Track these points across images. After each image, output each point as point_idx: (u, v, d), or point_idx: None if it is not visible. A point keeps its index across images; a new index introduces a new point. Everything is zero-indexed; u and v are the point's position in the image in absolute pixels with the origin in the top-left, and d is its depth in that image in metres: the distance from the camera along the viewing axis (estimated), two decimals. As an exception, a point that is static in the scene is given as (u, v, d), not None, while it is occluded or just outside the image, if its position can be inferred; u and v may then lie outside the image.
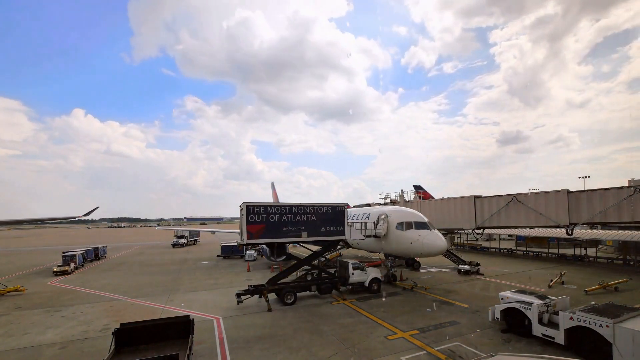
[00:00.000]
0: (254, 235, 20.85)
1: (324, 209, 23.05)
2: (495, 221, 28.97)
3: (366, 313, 19.93)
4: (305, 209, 22.39)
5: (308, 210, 22.42)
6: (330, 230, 23.10)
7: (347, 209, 23.96)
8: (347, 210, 24.87)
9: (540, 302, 15.40)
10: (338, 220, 23.38)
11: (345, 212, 23.70)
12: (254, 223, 20.80)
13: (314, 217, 22.54)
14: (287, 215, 21.78)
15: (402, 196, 41.09)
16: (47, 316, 20.53)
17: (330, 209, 23.26)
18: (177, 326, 13.70)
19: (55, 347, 15.55)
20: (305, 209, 22.36)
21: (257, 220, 20.91)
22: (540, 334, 14.77)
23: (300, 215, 22.16)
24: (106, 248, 52.73)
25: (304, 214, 22.29)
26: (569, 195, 24.53)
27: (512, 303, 16.10)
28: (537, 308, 15.05)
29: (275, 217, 21.39)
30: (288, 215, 21.80)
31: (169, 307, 21.92)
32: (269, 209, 21.44)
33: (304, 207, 22.41)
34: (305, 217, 22.30)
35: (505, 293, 17.20)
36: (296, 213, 22.08)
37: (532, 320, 15.08)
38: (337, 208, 23.56)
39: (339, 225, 23.34)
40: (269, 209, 21.39)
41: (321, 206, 23.07)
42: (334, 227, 23.20)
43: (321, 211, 22.88)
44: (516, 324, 15.90)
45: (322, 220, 22.84)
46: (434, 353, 14.03)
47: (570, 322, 13.66)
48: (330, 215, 23.15)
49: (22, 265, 42.92)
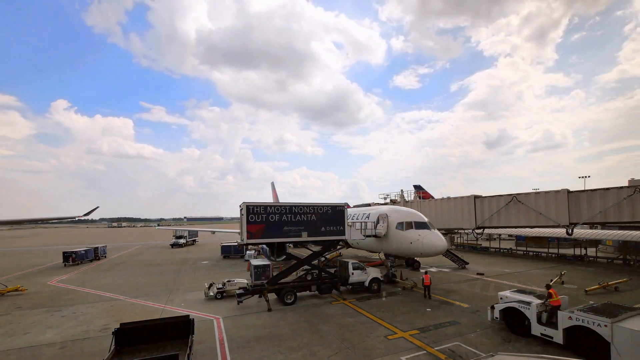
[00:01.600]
0: (254, 235, 20.82)
1: (324, 209, 23.01)
2: (496, 221, 28.98)
3: (366, 313, 19.93)
4: (305, 208, 22.35)
5: (308, 210, 22.38)
6: (330, 230, 23.06)
7: (347, 208, 23.96)
8: (347, 210, 24.86)
9: (539, 301, 15.38)
10: (338, 220, 23.35)
11: (345, 212, 23.67)
12: (254, 223, 20.77)
13: (314, 217, 22.51)
14: (287, 215, 21.74)
15: (402, 196, 41.09)
16: (47, 316, 20.53)
17: (330, 209, 23.22)
18: (177, 326, 13.69)
19: (55, 347, 15.55)
20: (305, 209, 22.31)
21: (257, 220, 20.88)
22: (539, 333, 14.78)
23: (300, 215, 22.13)
24: (106, 248, 52.72)
25: (304, 214, 22.25)
26: (569, 195, 24.53)
27: (511, 303, 16.09)
28: (535, 308, 15.06)
29: (275, 217, 21.36)
30: (288, 215, 21.76)
31: (169, 307, 21.92)
32: (269, 208, 21.41)
33: (304, 207, 22.37)
34: (305, 217, 22.27)
35: (504, 293, 17.11)
36: (296, 213, 22.04)
37: (531, 320, 15.09)
38: (337, 208, 23.52)
39: (339, 225, 23.31)
40: (269, 209, 21.36)
41: (321, 206, 23.03)
42: (334, 227, 23.16)
43: (321, 211, 22.84)
44: (515, 323, 15.89)
45: (322, 220, 22.80)
46: (434, 353, 14.02)
47: (569, 321, 13.70)
48: (330, 215, 23.12)
49: (22, 265, 42.92)
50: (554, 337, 14.23)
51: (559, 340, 14.01)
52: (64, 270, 38.23)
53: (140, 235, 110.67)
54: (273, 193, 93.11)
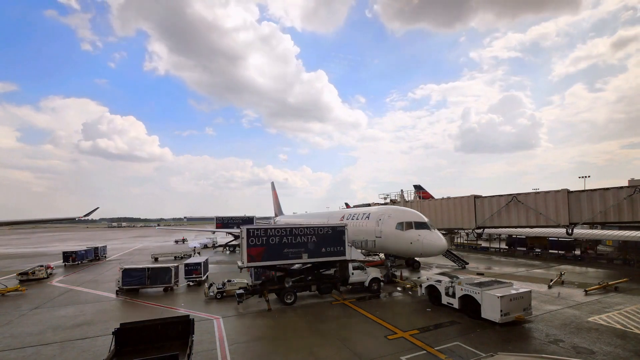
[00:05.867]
0: (255, 258, 21.05)
1: (325, 229, 23.19)
2: (496, 221, 28.99)
3: (366, 313, 19.93)
4: (306, 230, 22.53)
5: (308, 232, 22.53)
6: (331, 251, 23.16)
7: (347, 228, 24.09)
8: (347, 210, 24.86)
9: (447, 279, 20.86)
10: (338, 240, 23.46)
11: (345, 232, 23.76)
12: (254, 246, 21.02)
13: (314, 238, 22.63)
14: (288, 237, 21.91)
15: (402, 196, 41.11)
16: (47, 316, 20.55)
17: (330, 229, 23.40)
18: (177, 326, 13.67)
19: (55, 347, 15.56)
20: (305, 230, 22.49)
21: (257, 243, 21.12)
22: (446, 302, 19.83)
23: (300, 236, 22.28)
24: (106, 248, 52.70)
25: (304, 235, 22.39)
26: (569, 195, 24.53)
27: (431, 282, 21.51)
28: (444, 284, 20.32)
29: (275, 240, 21.55)
30: (288, 237, 21.93)
31: (169, 307, 21.93)
32: (270, 231, 21.64)
33: (304, 228, 22.58)
34: (305, 239, 22.40)
35: (429, 274, 21.36)
36: (296, 235, 22.19)
37: (441, 293, 20.21)
38: (338, 228, 23.71)
39: (339, 246, 23.44)
40: (270, 232, 21.59)
41: (321, 227, 23.28)
42: (334, 247, 23.27)
43: (321, 232, 22.96)
44: (433, 296, 21.11)
45: (323, 240, 22.93)
46: (434, 353, 14.02)
47: (461, 292, 18.80)
48: (331, 236, 23.24)
49: (22, 265, 42.88)
50: (454, 304, 19.26)
51: (457, 306, 19.05)
52: (64, 270, 38.25)
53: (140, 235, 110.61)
54: (273, 193, 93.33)
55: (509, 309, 16.62)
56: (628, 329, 16.34)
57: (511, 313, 16.68)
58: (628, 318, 18.00)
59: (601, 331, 16.18)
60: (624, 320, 17.69)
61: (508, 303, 16.59)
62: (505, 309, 16.46)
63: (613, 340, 15.01)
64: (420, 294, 22.50)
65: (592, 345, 14.56)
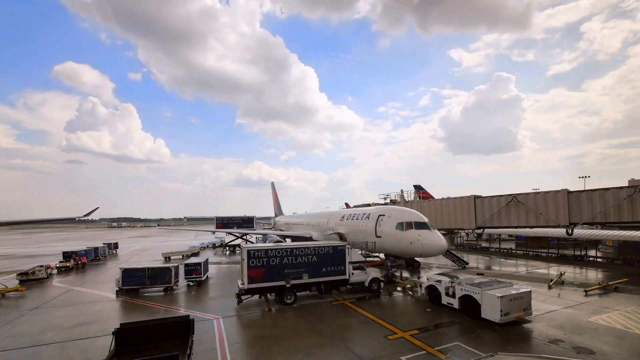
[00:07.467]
0: (256, 279, 21.23)
1: (325, 249, 23.36)
2: (496, 221, 28.98)
3: (366, 313, 19.93)
4: (306, 250, 22.71)
5: (309, 252, 22.70)
6: (331, 271, 23.30)
7: (348, 248, 24.37)
8: (347, 210, 24.88)
9: (447, 279, 20.35)
10: (339, 259, 23.62)
11: (346, 252, 23.94)
12: (254, 267, 21.18)
13: (315, 258, 22.79)
14: (288, 257, 22.08)
15: (402, 196, 41.11)
16: (47, 316, 20.55)
17: (331, 249, 23.57)
18: (177, 326, 13.67)
19: (55, 347, 15.57)
20: (306, 251, 22.66)
21: (258, 265, 21.29)
22: (446, 302, 19.69)
23: (301, 257, 22.44)
24: (106, 248, 52.65)
25: (304, 255, 22.54)
26: (569, 195, 24.53)
27: (431, 282, 21.23)
28: (444, 284, 20.11)
29: (276, 261, 21.72)
30: (289, 257, 22.10)
31: (169, 307, 21.94)
32: (270, 252, 21.76)
33: (304, 248, 22.75)
34: (306, 259, 22.57)
35: (429, 274, 20.71)
36: (297, 255, 22.35)
37: (441, 293, 20.07)
38: (338, 248, 23.86)
39: (340, 265, 23.60)
40: (270, 252, 21.72)
41: (322, 247, 23.44)
42: (334, 267, 23.43)
43: (322, 252, 23.13)
44: (433, 296, 20.95)
45: (323, 260, 23.10)
46: (434, 353, 14.02)
47: (461, 292, 18.70)
48: (331, 255, 23.40)
49: (22, 266, 42.86)
50: (454, 304, 19.12)
51: (457, 306, 18.91)
52: (64, 271, 38.22)
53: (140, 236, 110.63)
54: (273, 193, 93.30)
55: (509, 309, 16.64)
56: (628, 329, 16.35)
57: (511, 313, 16.69)
58: (628, 318, 18.00)
59: (601, 331, 16.17)
60: (624, 320, 17.70)
61: (508, 303, 16.62)
62: (505, 309, 16.50)
63: (613, 341, 15.01)
64: (420, 294, 22.44)
65: (592, 345, 14.55)
